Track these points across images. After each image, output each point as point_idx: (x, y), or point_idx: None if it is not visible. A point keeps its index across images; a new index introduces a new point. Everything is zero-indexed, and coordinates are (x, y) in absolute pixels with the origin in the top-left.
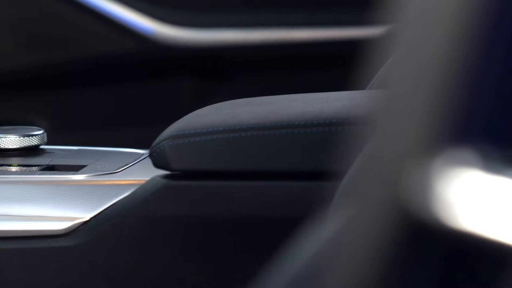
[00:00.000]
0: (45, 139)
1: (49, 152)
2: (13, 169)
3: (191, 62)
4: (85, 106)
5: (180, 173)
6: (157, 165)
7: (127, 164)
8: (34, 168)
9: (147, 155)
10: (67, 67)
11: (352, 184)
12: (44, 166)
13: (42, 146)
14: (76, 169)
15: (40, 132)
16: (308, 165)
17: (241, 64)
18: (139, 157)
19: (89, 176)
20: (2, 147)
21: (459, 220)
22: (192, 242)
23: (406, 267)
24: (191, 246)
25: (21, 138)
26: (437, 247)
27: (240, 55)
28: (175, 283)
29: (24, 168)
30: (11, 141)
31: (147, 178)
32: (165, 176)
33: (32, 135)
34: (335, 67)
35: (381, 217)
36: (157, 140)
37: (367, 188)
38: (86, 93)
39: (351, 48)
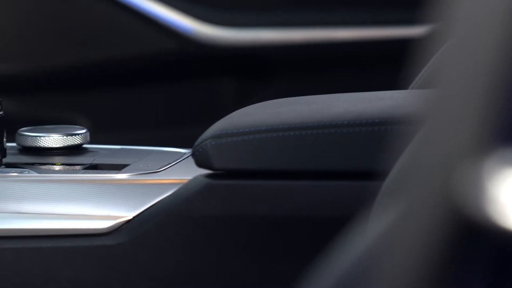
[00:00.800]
0: (88, 138)
1: (92, 151)
2: (57, 168)
3: (232, 62)
4: (127, 106)
5: (223, 172)
6: (199, 164)
7: (169, 163)
8: (77, 167)
9: (189, 154)
10: (109, 67)
11: (397, 184)
12: (87, 165)
13: (85, 145)
14: (118, 168)
15: (83, 131)
16: (351, 164)
17: (282, 64)
18: (181, 156)
19: (131, 175)
20: (46, 146)
21: (510, 219)
22: (235, 241)
23: (457, 267)
24: (233, 245)
25: (65, 137)
26: (488, 247)
27: (281, 54)
28: (217, 283)
29: (67, 167)
30: (55, 140)
31: (190, 177)
32: (208, 175)
33: (75, 134)
34: (377, 66)
35: (431, 216)
36: (199, 140)
37: (416, 188)
38: (128, 92)
39: (394, 47)
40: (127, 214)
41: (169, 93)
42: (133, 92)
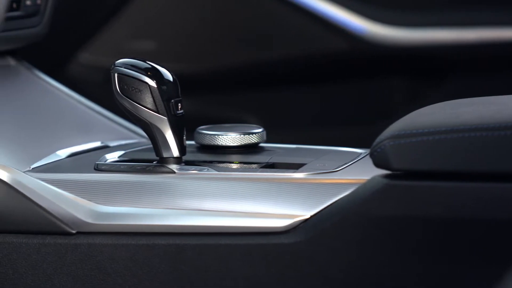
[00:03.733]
0: (265, 137)
1: (268, 150)
2: (234, 166)
3: (404, 62)
4: (299, 105)
5: (401, 173)
6: (377, 164)
7: (346, 163)
8: (254, 166)
9: (365, 154)
10: (282, 66)
11: None
12: (264, 164)
13: (261, 144)
14: (295, 167)
15: (260, 130)
16: None
17: (455, 64)
18: (358, 156)
19: (308, 174)
20: (223, 144)
21: None
22: (412, 242)
23: None
24: (410, 246)
25: (242, 136)
26: None
27: (454, 54)
28: (393, 283)
29: (245, 165)
30: (232, 138)
31: (367, 178)
32: (386, 176)
33: (253, 133)
34: None
35: None
36: (378, 139)
37: None
38: (299, 92)
39: None
40: (305, 213)
41: (340, 92)
42: (304, 92)
